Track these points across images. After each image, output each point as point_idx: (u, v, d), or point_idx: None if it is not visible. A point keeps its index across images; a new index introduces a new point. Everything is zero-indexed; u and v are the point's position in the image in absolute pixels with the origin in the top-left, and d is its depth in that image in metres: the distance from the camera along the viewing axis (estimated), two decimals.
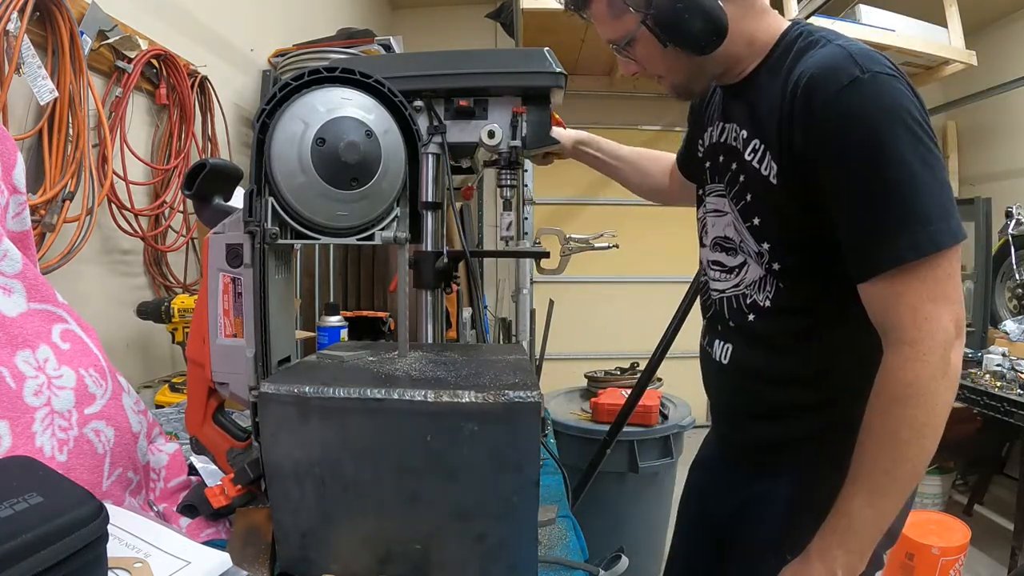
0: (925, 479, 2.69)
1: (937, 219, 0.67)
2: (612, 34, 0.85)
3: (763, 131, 0.79)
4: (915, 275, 0.68)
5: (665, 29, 0.78)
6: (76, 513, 0.49)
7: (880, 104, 0.68)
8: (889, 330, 0.71)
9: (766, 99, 0.79)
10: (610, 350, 3.89)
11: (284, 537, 0.63)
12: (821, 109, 0.70)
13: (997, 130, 3.74)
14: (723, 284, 0.92)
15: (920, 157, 0.67)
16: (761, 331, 0.86)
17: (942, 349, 0.68)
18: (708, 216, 0.94)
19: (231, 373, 0.69)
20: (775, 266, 0.82)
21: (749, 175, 0.82)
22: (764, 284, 0.84)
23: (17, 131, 1.15)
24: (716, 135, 0.91)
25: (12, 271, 0.70)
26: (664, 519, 2.18)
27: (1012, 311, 3.04)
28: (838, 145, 0.70)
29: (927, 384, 0.68)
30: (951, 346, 0.68)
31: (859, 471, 0.72)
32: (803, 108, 0.72)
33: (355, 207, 0.66)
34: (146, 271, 1.61)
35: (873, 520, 0.72)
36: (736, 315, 0.89)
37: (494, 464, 0.60)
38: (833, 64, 0.70)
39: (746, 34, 0.81)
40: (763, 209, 0.81)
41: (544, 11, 2.86)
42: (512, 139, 1.00)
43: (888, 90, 0.68)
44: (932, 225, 0.67)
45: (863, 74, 0.68)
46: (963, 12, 3.08)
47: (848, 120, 0.69)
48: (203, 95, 1.73)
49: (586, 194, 4.02)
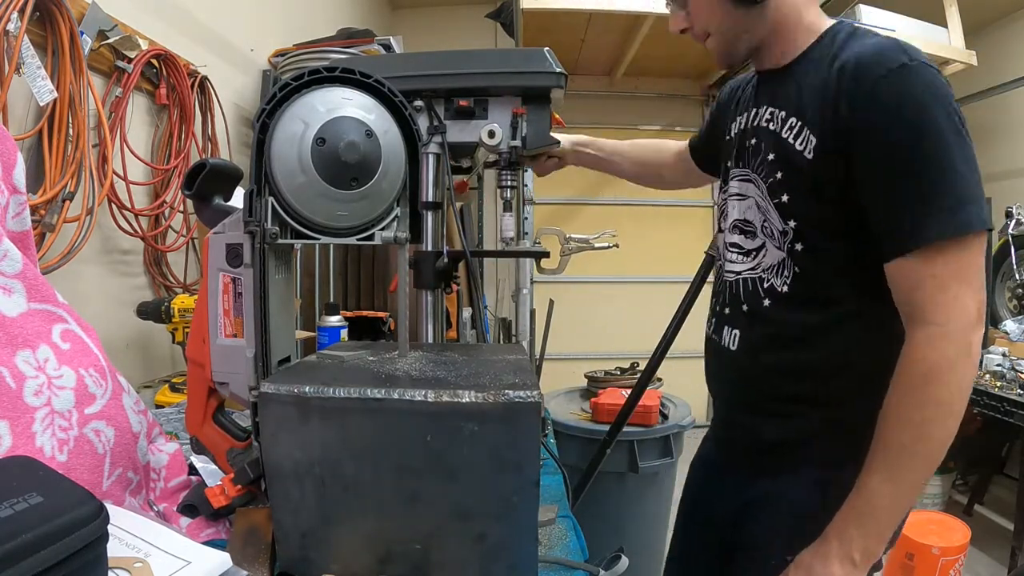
0: None
1: (971, 201, 0.69)
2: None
3: (803, 109, 0.80)
4: (947, 254, 0.69)
5: None
6: (76, 513, 0.49)
7: (929, 89, 0.70)
8: (916, 309, 0.71)
9: (809, 81, 0.80)
10: (610, 350, 3.89)
11: (284, 537, 0.63)
12: (872, 85, 0.71)
13: (997, 130, 3.74)
14: (740, 266, 0.91)
15: (960, 143, 0.69)
16: (775, 318, 0.85)
17: (964, 330, 0.68)
18: (732, 200, 0.94)
19: (231, 373, 0.69)
20: (797, 246, 0.82)
21: (782, 152, 0.82)
22: (783, 268, 0.84)
23: (17, 131, 1.15)
24: (749, 120, 0.91)
25: (12, 271, 0.70)
26: (664, 519, 2.18)
27: (1012, 311, 3.04)
28: (885, 121, 0.71)
29: (952, 364, 0.68)
30: (974, 329, 0.69)
31: (878, 450, 0.72)
32: (851, 85, 0.73)
33: (355, 207, 0.66)
34: (146, 271, 1.61)
35: (892, 501, 0.72)
36: (751, 298, 0.88)
37: (494, 464, 0.60)
38: (884, 49, 0.73)
39: (798, 7, 0.82)
40: (793, 186, 0.81)
41: (544, 11, 2.86)
42: (512, 139, 1.01)
43: (935, 79, 0.71)
44: (967, 207, 0.68)
45: (911, 61, 0.71)
46: (963, 12, 3.08)
47: (899, 99, 0.70)
48: (203, 95, 1.73)
49: (586, 194, 4.03)
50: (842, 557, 0.73)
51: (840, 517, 0.75)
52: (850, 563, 0.73)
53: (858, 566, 0.73)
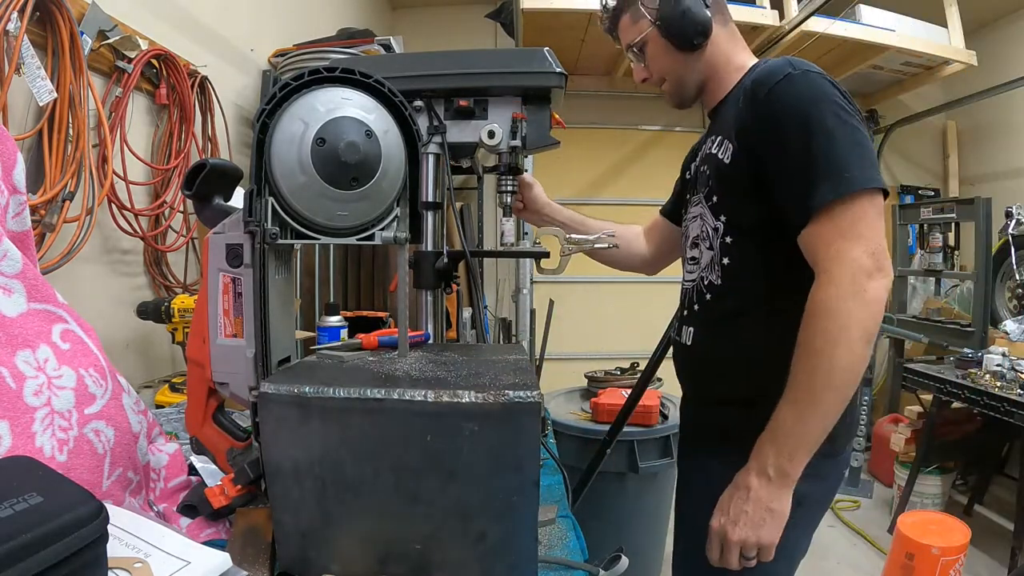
0: (925, 479, 2.69)
1: (852, 168, 0.81)
2: (631, 38, 1.07)
3: (725, 128, 0.97)
4: (832, 216, 0.81)
5: (668, 27, 1.01)
6: (76, 513, 0.48)
7: (808, 90, 0.86)
8: (814, 266, 0.83)
9: (730, 107, 0.99)
10: (610, 350, 3.88)
11: (284, 537, 0.63)
12: (765, 96, 0.88)
13: (997, 130, 3.74)
14: (692, 275, 1.06)
15: (841, 125, 0.83)
16: (711, 306, 1.00)
17: (851, 275, 0.79)
18: (688, 222, 1.09)
19: (231, 373, 0.69)
20: (727, 239, 0.96)
21: (713, 165, 0.98)
22: (715, 263, 0.98)
23: (17, 131, 1.15)
24: (702, 154, 1.06)
25: (12, 271, 0.70)
26: (664, 519, 2.18)
27: (1012, 311, 3.04)
28: (776, 121, 0.87)
29: (836, 302, 0.79)
30: (864, 275, 0.79)
31: (788, 383, 0.83)
32: (750, 100, 0.91)
33: (355, 207, 0.66)
34: (146, 271, 1.61)
35: (796, 422, 0.82)
36: (698, 297, 1.03)
37: (494, 464, 0.60)
38: (773, 66, 0.91)
39: (725, 52, 1.04)
40: (719, 188, 0.97)
41: (544, 11, 2.86)
42: (512, 139, 1.01)
43: (815, 80, 0.86)
44: (847, 173, 0.81)
45: (795, 71, 0.87)
46: (963, 12, 3.08)
47: (783, 101, 0.86)
48: (203, 95, 1.73)
49: (586, 194, 4.02)
50: (758, 471, 0.84)
51: (758, 441, 0.86)
52: (765, 477, 0.84)
53: (772, 480, 0.83)
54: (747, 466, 0.86)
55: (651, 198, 3.91)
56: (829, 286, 0.80)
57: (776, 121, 0.87)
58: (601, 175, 4.02)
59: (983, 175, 3.87)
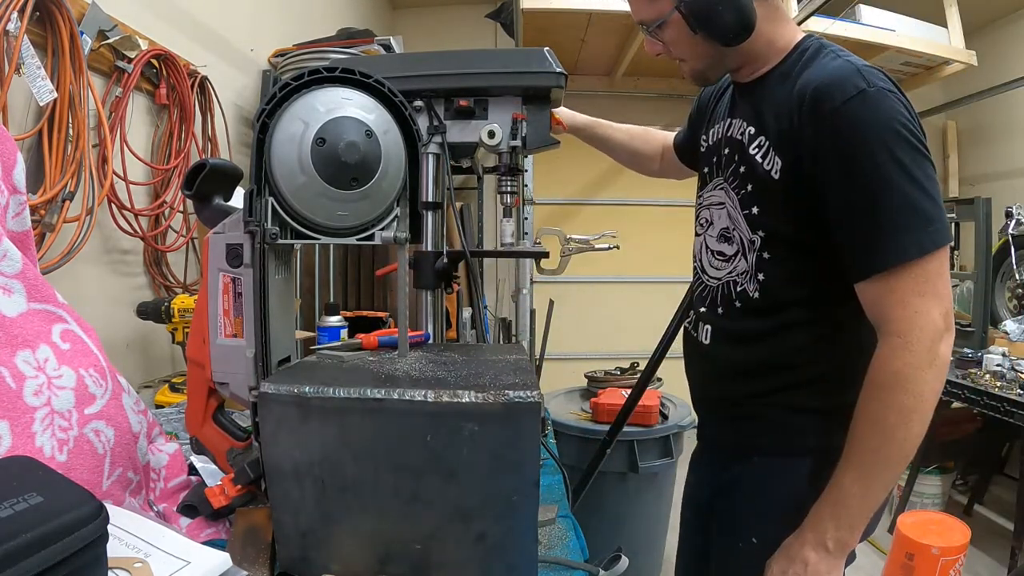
0: (925, 479, 2.69)
1: (926, 223, 0.73)
2: (646, 15, 0.89)
3: (769, 129, 0.84)
4: (906, 273, 0.74)
5: (698, 17, 0.83)
6: (76, 513, 0.48)
7: (883, 116, 0.74)
8: (882, 323, 0.77)
9: (775, 100, 0.84)
10: (610, 350, 3.88)
11: (284, 537, 0.63)
12: (830, 116, 0.75)
13: (997, 130, 3.74)
14: (720, 272, 0.96)
15: (917, 166, 0.74)
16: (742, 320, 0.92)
17: (929, 341, 0.73)
18: (712, 209, 0.98)
19: (231, 373, 0.69)
20: (765, 255, 0.87)
21: (751, 168, 0.87)
22: (750, 276, 0.90)
23: (17, 131, 1.15)
24: (723, 131, 0.96)
25: (12, 271, 0.70)
26: (664, 519, 2.18)
27: (1012, 311, 3.04)
28: (843, 150, 0.75)
29: (914, 372, 0.73)
30: (939, 338, 0.74)
31: (851, 451, 0.78)
32: (811, 113, 0.77)
33: (355, 207, 0.66)
34: (146, 271, 1.61)
35: (862, 496, 0.77)
36: (726, 301, 0.94)
37: (494, 464, 0.60)
38: (841, 76, 0.76)
39: (767, 35, 0.86)
40: (762, 201, 0.86)
41: (544, 11, 2.86)
42: (512, 139, 1.00)
43: (890, 103, 0.75)
44: (921, 229, 0.73)
45: (869, 88, 0.74)
46: (963, 12, 3.08)
47: (854, 128, 0.74)
48: (203, 95, 1.73)
49: (586, 194, 4.02)
50: (816, 544, 0.79)
51: (816, 509, 0.80)
52: (824, 550, 0.79)
53: (831, 553, 0.79)
54: (802, 537, 0.81)
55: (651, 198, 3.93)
56: (905, 353, 0.73)
57: (843, 149, 0.75)
58: (601, 175, 4.02)
59: (983, 175, 3.87)
